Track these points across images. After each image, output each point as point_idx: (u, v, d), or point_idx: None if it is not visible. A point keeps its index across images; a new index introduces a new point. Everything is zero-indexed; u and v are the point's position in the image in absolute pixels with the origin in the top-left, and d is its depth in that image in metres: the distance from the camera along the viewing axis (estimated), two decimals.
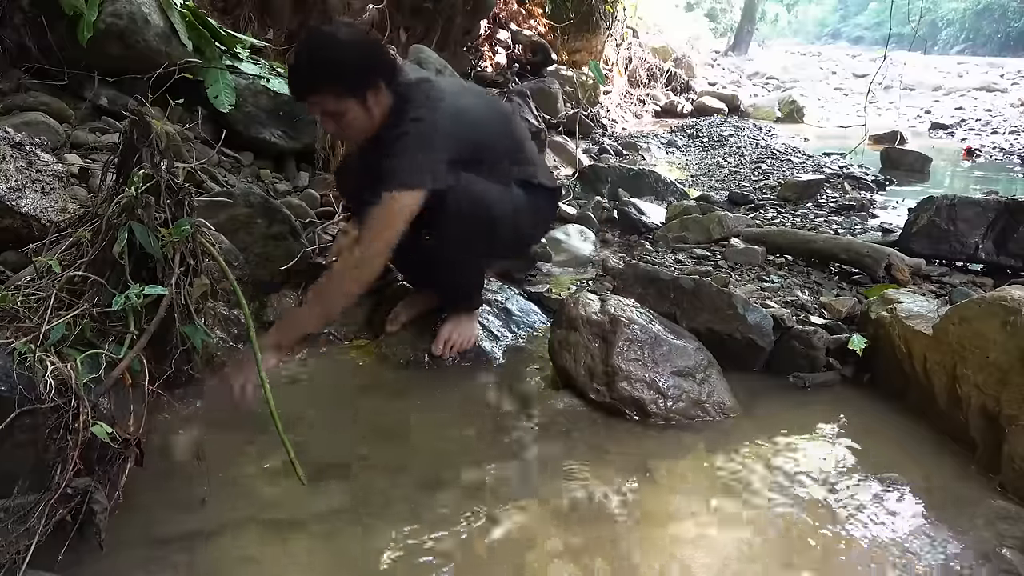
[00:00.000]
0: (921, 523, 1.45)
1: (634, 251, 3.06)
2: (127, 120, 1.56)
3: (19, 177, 1.87)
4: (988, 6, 30.56)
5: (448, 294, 2.15)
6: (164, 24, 2.82)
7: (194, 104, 2.65)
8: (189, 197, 1.64)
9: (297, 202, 2.70)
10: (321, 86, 1.77)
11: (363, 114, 1.82)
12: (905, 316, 1.92)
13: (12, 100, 2.53)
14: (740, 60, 16.90)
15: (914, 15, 8.68)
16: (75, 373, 1.29)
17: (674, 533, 1.42)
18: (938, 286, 2.50)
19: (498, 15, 6.47)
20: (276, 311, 2.18)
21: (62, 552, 1.24)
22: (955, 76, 14.65)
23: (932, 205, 2.72)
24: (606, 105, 7.28)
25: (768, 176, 4.93)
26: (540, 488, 1.55)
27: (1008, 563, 1.32)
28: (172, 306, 1.56)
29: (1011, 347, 1.55)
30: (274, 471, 1.56)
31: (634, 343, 1.88)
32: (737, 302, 2.05)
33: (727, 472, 1.62)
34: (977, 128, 8.26)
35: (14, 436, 1.22)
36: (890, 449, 1.72)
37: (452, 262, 1.98)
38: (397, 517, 1.44)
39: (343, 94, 1.77)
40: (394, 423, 1.83)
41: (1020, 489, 1.50)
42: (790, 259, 2.81)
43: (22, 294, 1.41)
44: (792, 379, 2.03)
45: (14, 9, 2.63)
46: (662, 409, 1.81)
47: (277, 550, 1.34)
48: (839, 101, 11.52)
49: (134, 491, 1.39)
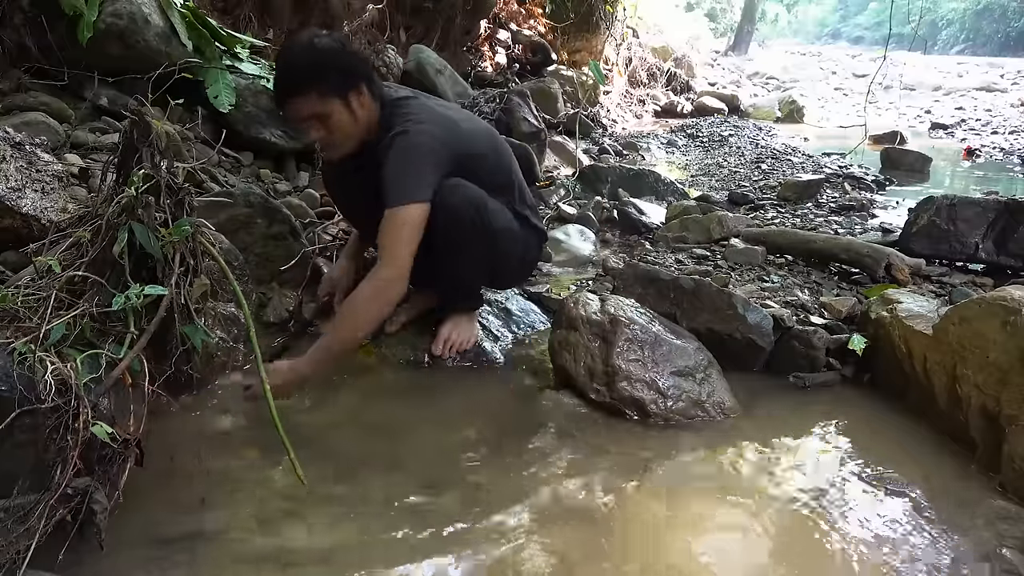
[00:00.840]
0: (921, 523, 1.45)
1: (634, 251, 3.06)
2: (127, 120, 1.56)
3: (19, 177, 1.87)
4: (988, 6, 30.57)
5: (448, 294, 2.15)
6: (164, 24, 2.82)
7: (194, 104, 2.65)
8: (189, 197, 1.64)
9: (297, 202, 2.70)
10: (303, 86, 1.76)
11: (348, 117, 1.81)
12: (905, 316, 1.92)
13: (12, 100, 2.53)
14: (740, 60, 16.91)
15: (914, 15, 8.69)
16: (75, 373, 1.29)
17: (674, 533, 1.42)
18: (938, 286, 2.50)
19: (498, 15, 6.47)
20: (276, 311, 2.18)
21: (62, 552, 1.24)
22: (955, 76, 14.66)
23: (932, 205, 2.72)
24: (606, 105, 7.28)
25: (768, 176, 4.93)
26: (540, 488, 1.55)
27: (1008, 563, 1.32)
28: (172, 306, 1.56)
29: (1011, 347, 1.55)
30: (274, 471, 1.56)
31: (634, 343, 1.88)
32: (737, 302, 2.05)
33: (727, 472, 1.62)
34: (977, 128, 8.26)
35: (14, 436, 1.22)
36: (890, 449, 1.72)
37: (453, 261, 1.98)
38: (397, 517, 1.44)
39: (326, 93, 1.77)
40: (394, 423, 1.83)
41: (1020, 489, 1.50)
42: (790, 259, 2.81)
43: (22, 294, 1.41)
44: (792, 379, 2.03)
45: (14, 9, 2.63)
46: (662, 409, 1.81)
47: (277, 550, 1.34)
48: (839, 101, 11.52)
49: (134, 491, 1.39)
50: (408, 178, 1.78)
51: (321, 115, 1.79)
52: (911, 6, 8.23)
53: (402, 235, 1.76)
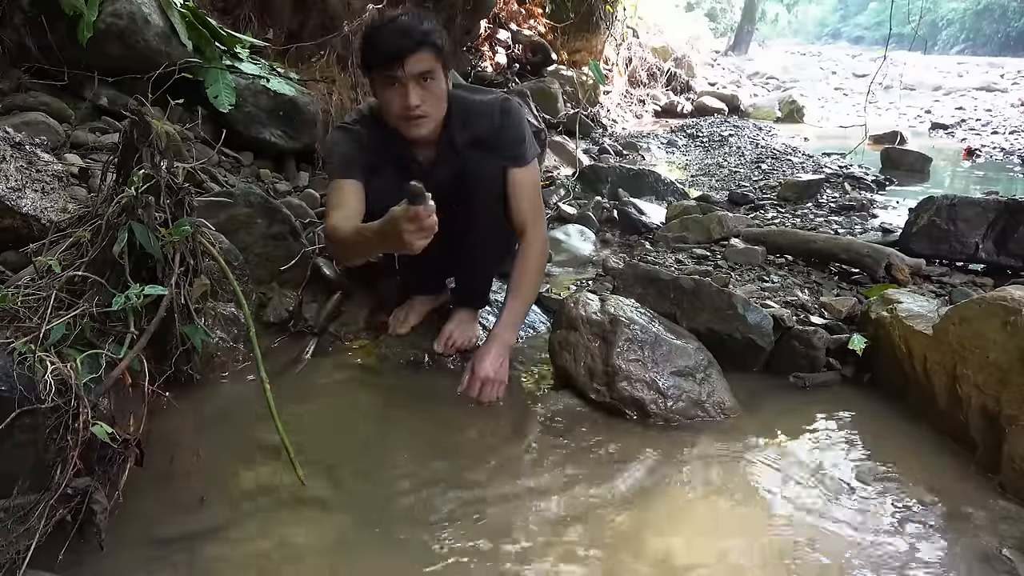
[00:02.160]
0: (921, 523, 1.45)
1: (634, 251, 3.06)
2: (127, 120, 1.57)
3: (19, 177, 1.87)
4: (988, 6, 30.57)
5: (464, 288, 2.17)
6: (164, 24, 2.82)
7: (194, 104, 2.65)
8: (189, 197, 1.64)
9: (297, 202, 2.70)
10: (429, 42, 1.75)
11: (443, 87, 1.81)
12: (905, 316, 1.92)
13: (12, 100, 2.52)
14: (740, 60, 16.90)
15: (914, 15, 8.68)
16: (75, 373, 1.29)
17: (674, 533, 1.42)
18: (938, 286, 2.50)
19: (498, 15, 6.47)
20: (276, 311, 2.18)
21: (62, 552, 1.24)
22: (955, 76, 14.65)
23: (932, 205, 2.72)
24: (606, 105, 7.28)
25: (768, 176, 4.93)
26: (540, 488, 1.55)
27: (1008, 563, 1.32)
28: (172, 306, 1.56)
29: (1011, 347, 1.55)
30: (274, 471, 1.56)
31: (634, 343, 1.88)
32: (737, 302, 2.05)
33: (727, 472, 1.62)
34: (977, 128, 8.25)
35: (14, 436, 1.22)
36: (890, 449, 1.72)
37: (483, 253, 2.03)
38: (397, 517, 1.44)
39: (439, 56, 1.77)
40: (394, 423, 1.83)
41: (1020, 489, 1.50)
42: (790, 259, 2.81)
43: (22, 294, 1.41)
44: (792, 379, 2.03)
45: (14, 9, 2.63)
46: (662, 409, 1.81)
47: (277, 550, 1.34)
48: (839, 101, 11.51)
49: (134, 491, 1.39)
50: (528, 140, 1.92)
51: (429, 74, 1.76)
52: (911, 6, 8.23)
53: (538, 191, 1.96)
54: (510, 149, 1.90)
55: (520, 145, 1.91)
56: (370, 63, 1.79)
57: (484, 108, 1.91)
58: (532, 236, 1.95)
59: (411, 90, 1.74)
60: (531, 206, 1.94)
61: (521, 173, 1.90)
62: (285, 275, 2.27)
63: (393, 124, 1.83)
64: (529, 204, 1.93)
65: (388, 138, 1.88)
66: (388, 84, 1.77)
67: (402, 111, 1.77)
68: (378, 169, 1.88)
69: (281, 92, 3.11)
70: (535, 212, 1.95)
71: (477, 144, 1.89)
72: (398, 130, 1.84)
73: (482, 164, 1.88)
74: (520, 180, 1.90)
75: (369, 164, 1.87)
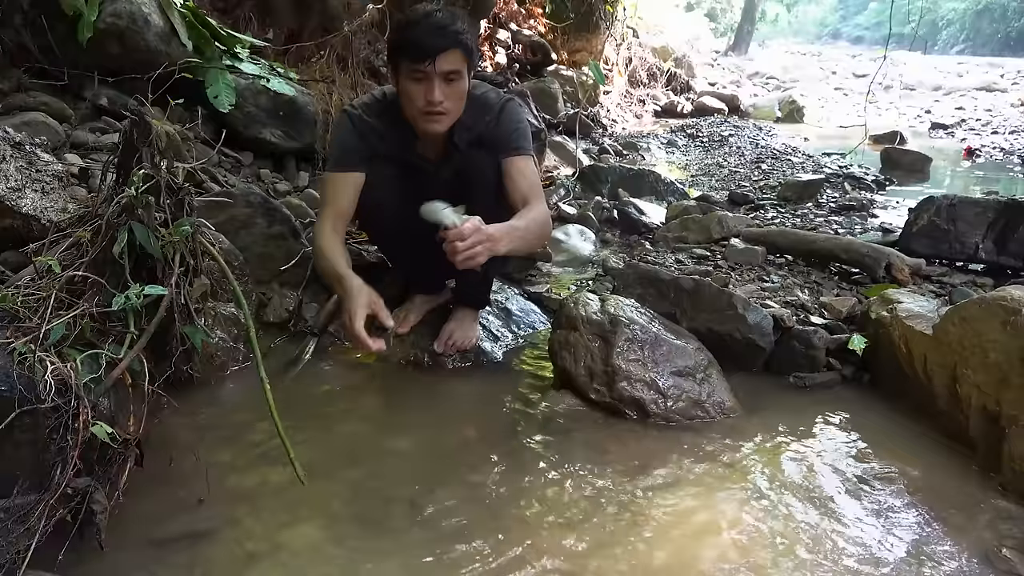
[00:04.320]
0: (921, 523, 1.45)
1: (634, 251, 3.06)
2: (127, 120, 1.56)
3: (19, 177, 1.87)
4: (988, 6, 30.58)
5: (465, 288, 2.16)
6: (164, 24, 2.81)
7: (194, 104, 2.64)
8: (189, 197, 1.64)
9: (297, 202, 2.70)
10: (460, 42, 1.75)
11: (465, 88, 1.82)
12: (905, 316, 1.91)
13: (12, 100, 2.52)
14: (740, 60, 16.93)
15: (914, 15, 8.71)
16: (75, 373, 1.29)
17: (674, 533, 1.42)
18: (938, 286, 2.50)
19: (498, 15, 6.46)
20: (276, 311, 2.18)
21: (62, 552, 1.24)
22: (955, 76, 14.64)
23: (932, 205, 2.72)
24: (606, 105, 7.28)
25: (768, 176, 4.93)
26: (540, 488, 1.55)
27: (1008, 563, 1.32)
28: (172, 306, 1.56)
29: (1011, 347, 1.55)
30: (273, 470, 1.56)
31: (634, 343, 1.88)
32: (737, 302, 2.05)
33: (727, 472, 1.62)
34: (977, 128, 8.26)
35: (14, 436, 1.22)
36: (890, 449, 1.72)
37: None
38: (397, 517, 1.44)
39: (467, 58, 1.78)
40: (394, 422, 1.84)
41: (1020, 489, 1.50)
42: (790, 259, 2.81)
43: (22, 294, 1.41)
44: (792, 379, 2.03)
45: (14, 9, 2.63)
46: (662, 409, 1.81)
47: (277, 550, 1.34)
48: (839, 101, 11.51)
49: (134, 491, 1.39)
50: (527, 136, 1.94)
51: (456, 74, 1.77)
52: (911, 6, 8.26)
53: (538, 179, 1.95)
54: (509, 142, 1.90)
55: (520, 139, 1.91)
56: (400, 55, 1.78)
57: (486, 104, 1.92)
58: (535, 206, 1.86)
59: (437, 87, 1.75)
60: (531, 185, 1.89)
61: (520, 160, 1.89)
62: (285, 275, 2.27)
63: (410, 115, 1.83)
64: (528, 184, 1.89)
65: (397, 130, 1.89)
66: (414, 78, 1.77)
67: (425, 106, 1.77)
68: (380, 160, 1.90)
69: (281, 92, 3.11)
70: (536, 191, 1.90)
71: (478, 142, 1.89)
72: (413, 122, 1.84)
73: (482, 162, 1.88)
74: (519, 166, 1.89)
75: (372, 155, 1.89)
